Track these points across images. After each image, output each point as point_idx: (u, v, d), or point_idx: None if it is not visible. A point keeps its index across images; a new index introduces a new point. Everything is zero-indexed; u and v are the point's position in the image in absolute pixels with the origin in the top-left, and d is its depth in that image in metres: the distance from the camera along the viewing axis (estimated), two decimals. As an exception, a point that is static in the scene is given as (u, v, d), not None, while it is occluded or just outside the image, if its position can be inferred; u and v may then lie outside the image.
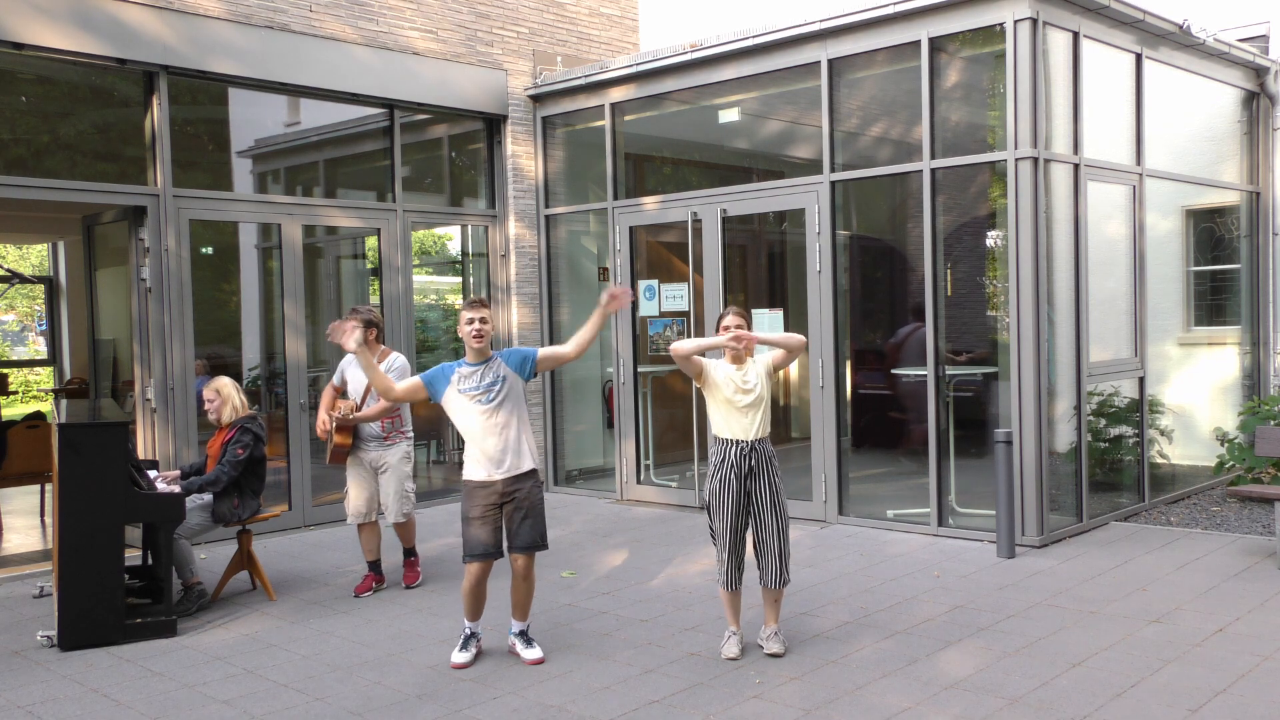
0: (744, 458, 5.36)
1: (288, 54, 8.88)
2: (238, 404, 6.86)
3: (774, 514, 5.38)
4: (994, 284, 10.21)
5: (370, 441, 6.99)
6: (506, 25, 10.49)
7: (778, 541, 5.38)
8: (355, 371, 6.99)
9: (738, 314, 5.44)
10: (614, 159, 10.15)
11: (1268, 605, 6.04)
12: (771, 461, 5.43)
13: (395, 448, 7.03)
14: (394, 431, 7.04)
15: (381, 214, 9.73)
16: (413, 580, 7.15)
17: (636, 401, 10.02)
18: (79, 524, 5.84)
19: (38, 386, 21.83)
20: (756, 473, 5.37)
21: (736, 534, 5.39)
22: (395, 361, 6.93)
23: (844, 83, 8.73)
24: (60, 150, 8.43)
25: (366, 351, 5.51)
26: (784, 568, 5.41)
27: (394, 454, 7.03)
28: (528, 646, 5.52)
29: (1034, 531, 7.57)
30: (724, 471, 5.39)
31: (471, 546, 5.41)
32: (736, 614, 5.52)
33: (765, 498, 5.37)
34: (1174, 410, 9.57)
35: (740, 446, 5.38)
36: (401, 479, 7.04)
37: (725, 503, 5.38)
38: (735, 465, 5.37)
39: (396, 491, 7.02)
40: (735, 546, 5.40)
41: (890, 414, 10.63)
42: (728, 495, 5.37)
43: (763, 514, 5.38)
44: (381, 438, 7.00)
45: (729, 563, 5.40)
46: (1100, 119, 8.38)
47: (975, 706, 4.68)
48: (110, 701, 5.09)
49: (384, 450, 7.01)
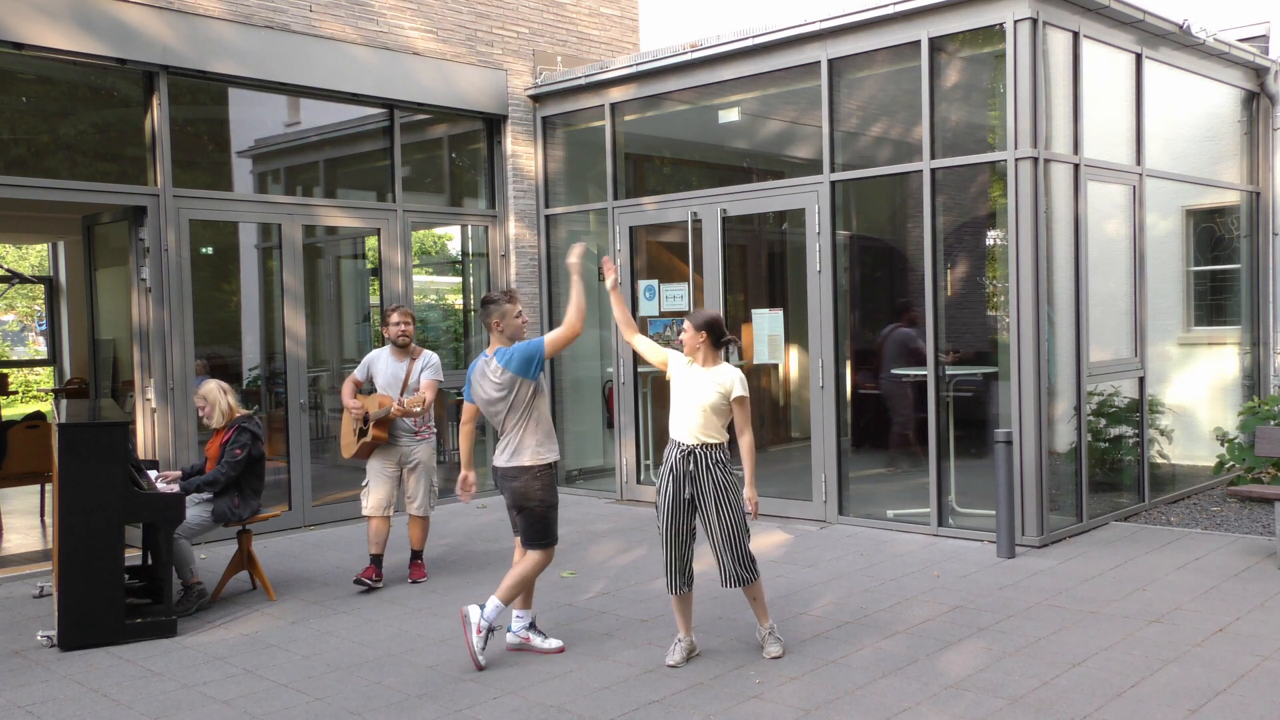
0: (683, 460, 5.30)
1: (288, 54, 8.88)
2: (225, 407, 6.84)
3: (719, 515, 5.28)
4: (994, 284, 10.20)
5: (403, 436, 7.15)
6: (506, 25, 10.49)
7: (725, 542, 5.31)
8: (387, 366, 7.18)
9: (690, 324, 5.36)
10: (614, 159, 10.15)
11: (1268, 605, 6.04)
12: (718, 465, 5.29)
13: (425, 443, 7.25)
14: (424, 427, 7.24)
15: (381, 214, 9.73)
16: (419, 576, 7.23)
17: (636, 401, 10.02)
18: (79, 524, 5.84)
19: (38, 386, 21.83)
20: (697, 477, 5.28)
21: (677, 537, 5.33)
22: (432, 359, 7.22)
23: (844, 83, 8.73)
24: (60, 150, 8.43)
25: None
26: (737, 567, 5.31)
27: (423, 450, 7.23)
28: (539, 635, 5.65)
29: (1034, 531, 7.57)
30: (664, 473, 5.37)
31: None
32: (685, 620, 5.43)
33: (709, 499, 5.28)
34: (1174, 410, 9.57)
35: (681, 449, 5.32)
36: (430, 474, 7.27)
37: (665, 505, 5.33)
38: (674, 468, 5.32)
39: (426, 486, 7.25)
40: (676, 550, 5.35)
41: (885, 414, 10.64)
42: (667, 498, 5.33)
43: (707, 515, 5.31)
44: (414, 433, 7.19)
45: (671, 566, 5.36)
46: (1100, 119, 8.38)
47: (975, 706, 4.68)
48: (110, 701, 5.09)
49: (415, 445, 7.20)
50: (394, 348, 7.21)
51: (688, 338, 5.37)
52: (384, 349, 7.29)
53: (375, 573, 7.02)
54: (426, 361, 7.19)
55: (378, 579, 7.03)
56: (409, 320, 7.22)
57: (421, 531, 7.30)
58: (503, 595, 5.46)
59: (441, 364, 7.38)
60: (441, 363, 7.40)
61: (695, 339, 5.35)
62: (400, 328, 7.17)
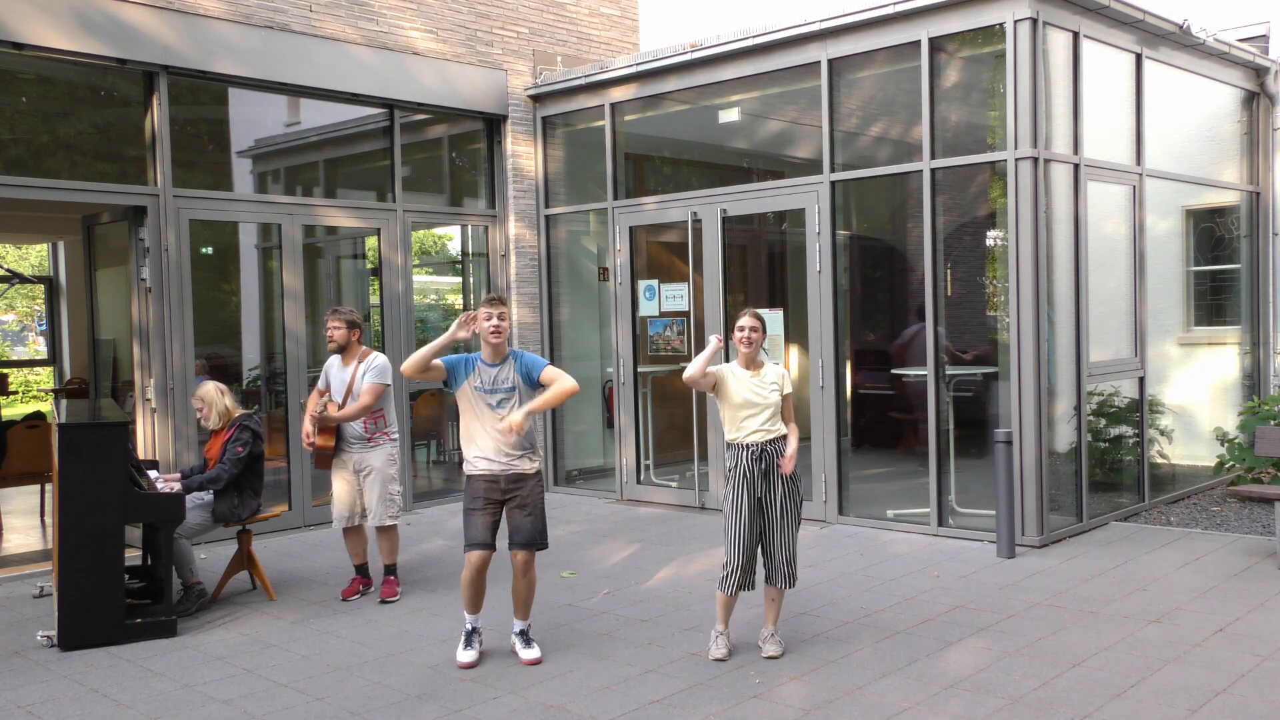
0: (755, 462, 5.36)
1: (288, 54, 8.88)
2: (223, 408, 6.82)
3: (784, 516, 5.38)
4: (994, 284, 10.20)
5: (354, 443, 6.81)
6: (506, 25, 10.49)
7: (788, 544, 5.39)
8: (336, 373, 6.88)
9: (753, 315, 5.45)
10: (614, 159, 10.15)
11: (1268, 605, 6.04)
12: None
13: (379, 449, 6.83)
14: (378, 432, 6.84)
15: (381, 214, 9.73)
16: (390, 595, 6.75)
17: (636, 401, 10.02)
18: (79, 524, 5.84)
19: (38, 386, 21.83)
20: (770, 476, 5.37)
21: (749, 540, 5.36)
22: (375, 360, 6.80)
23: (844, 83, 8.73)
24: (60, 150, 8.43)
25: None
26: (792, 569, 5.42)
27: (378, 456, 6.82)
28: (526, 646, 5.52)
29: (1034, 531, 7.57)
30: (736, 477, 5.39)
31: (470, 537, 5.44)
32: (728, 615, 5.49)
33: (776, 500, 5.37)
34: (1174, 410, 9.57)
35: (751, 451, 5.37)
36: (385, 481, 6.82)
37: (738, 509, 5.36)
38: (747, 470, 5.36)
39: (380, 495, 6.80)
40: (748, 553, 5.36)
41: (891, 414, 10.63)
42: (741, 501, 5.35)
43: (771, 516, 5.37)
44: (365, 439, 6.81)
45: (739, 570, 5.35)
46: (1100, 119, 8.38)
47: (975, 706, 4.68)
48: (110, 701, 5.09)
49: (367, 451, 6.81)
50: (340, 353, 6.86)
51: (757, 336, 5.41)
52: (336, 355, 6.91)
53: (362, 582, 6.92)
54: (369, 365, 6.76)
55: (367, 586, 6.94)
56: (338, 324, 6.78)
57: (388, 543, 6.84)
58: (526, 613, 5.57)
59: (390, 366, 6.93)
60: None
61: (760, 336, 5.44)
62: (328, 333, 6.81)
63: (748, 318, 5.42)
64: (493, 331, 5.41)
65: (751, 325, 5.41)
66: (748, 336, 5.40)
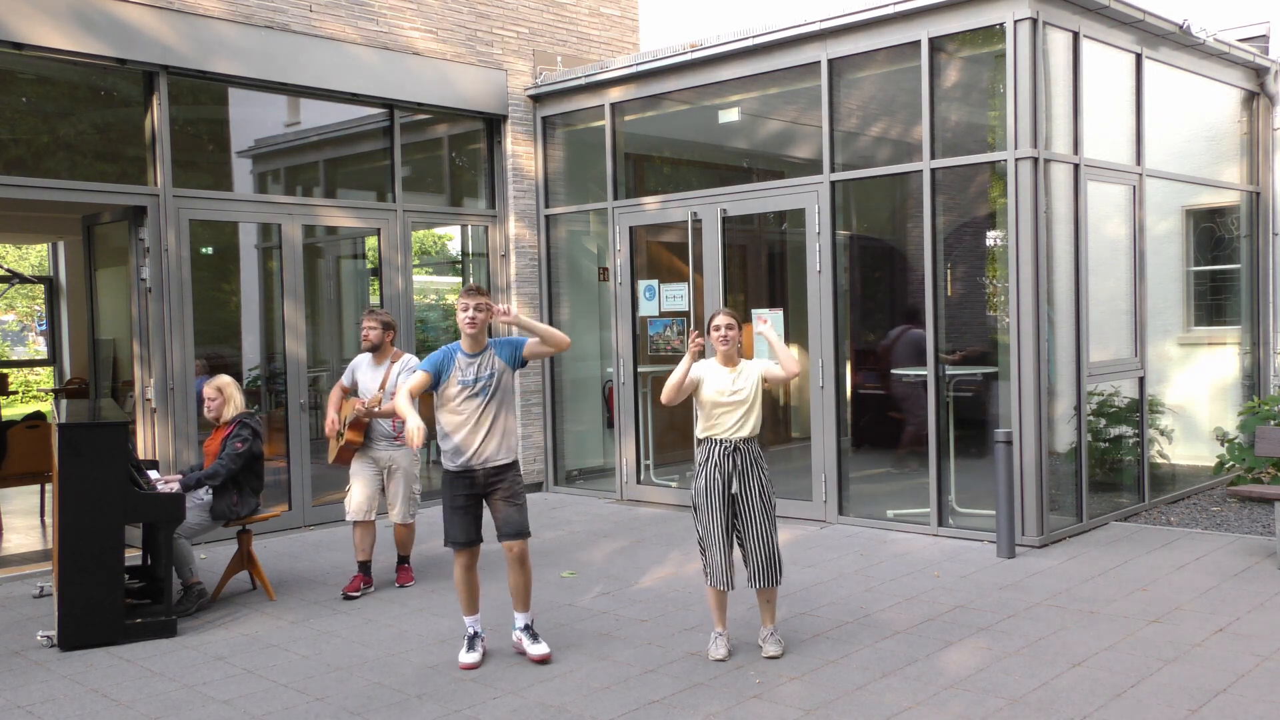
0: (728, 457, 5.37)
1: (288, 54, 8.88)
2: (239, 403, 6.88)
3: (761, 514, 5.38)
4: (994, 284, 10.20)
5: (381, 441, 7.01)
6: (506, 25, 10.49)
7: (766, 542, 5.38)
8: (366, 373, 7.04)
9: (727, 313, 5.47)
10: (614, 159, 10.15)
11: (1268, 605, 6.04)
12: (758, 462, 5.44)
13: (405, 449, 7.04)
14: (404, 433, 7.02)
15: (381, 214, 9.73)
16: (406, 580, 7.13)
17: (636, 401, 10.02)
18: (79, 524, 5.84)
19: (38, 386, 21.83)
20: (742, 473, 5.38)
21: (723, 532, 5.38)
22: (410, 361, 6.98)
23: (844, 83, 8.73)
24: (60, 150, 8.43)
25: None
26: (774, 568, 5.40)
27: (404, 455, 7.05)
28: (534, 642, 5.50)
29: (1034, 531, 7.57)
30: (708, 471, 5.40)
31: (454, 535, 5.46)
32: (724, 614, 5.50)
33: (753, 498, 5.38)
34: (1174, 410, 9.57)
35: (724, 446, 5.38)
36: (410, 481, 7.09)
37: (710, 502, 5.38)
38: (719, 465, 5.37)
39: (405, 494, 7.07)
40: (725, 545, 5.39)
41: (889, 414, 10.62)
42: (713, 495, 5.37)
43: (750, 515, 5.38)
44: (393, 437, 7.01)
45: (721, 562, 5.39)
46: (1100, 119, 8.38)
47: (975, 706, 4.68)
48: (110, 701, 5.09)
49: (394, 450, 7.03)
50: (372, 352, 7.05)
51: (733, 334, 5.42)
52: (367, 354, 7.10)
53: (364, 580, 6.98)
54: (404, 365, 6.94)
55: (368, 585, 7.00)
56: (374, 325, 6.99)
57: (405, 537, 7.17)
58: (526, 605, 5.56)
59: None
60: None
61: (736, 333, 5.45)
62: (363, 333, 7.01)
63: (723, 316, 5.45)
64: (469, 323, 5.43)
65: (728, 324, 5.43)
66: (724, 335, 5.42)
